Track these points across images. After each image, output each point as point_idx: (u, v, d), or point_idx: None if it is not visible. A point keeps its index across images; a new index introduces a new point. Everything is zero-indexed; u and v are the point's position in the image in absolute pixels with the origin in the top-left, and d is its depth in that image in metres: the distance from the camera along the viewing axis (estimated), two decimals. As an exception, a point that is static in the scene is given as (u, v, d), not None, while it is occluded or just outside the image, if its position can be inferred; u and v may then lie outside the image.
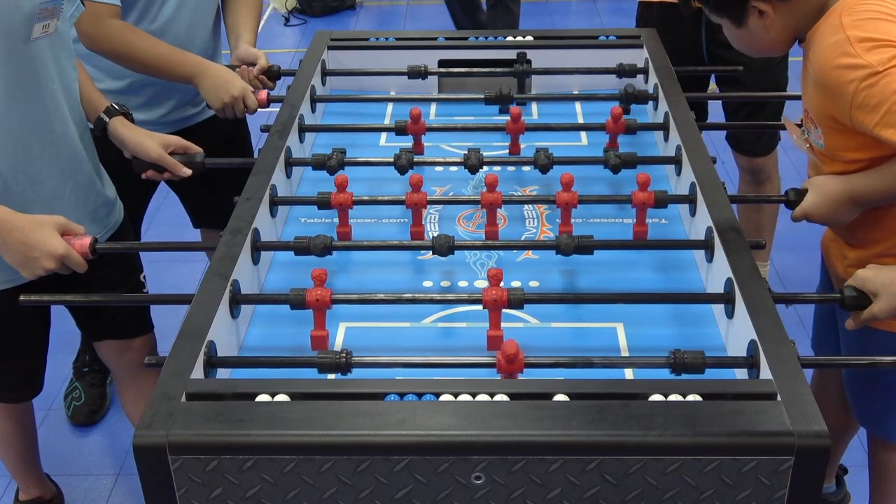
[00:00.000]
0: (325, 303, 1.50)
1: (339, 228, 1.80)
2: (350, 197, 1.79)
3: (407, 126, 2.08)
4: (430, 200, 1.81)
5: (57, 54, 1.77)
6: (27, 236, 1.61)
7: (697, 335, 1.56)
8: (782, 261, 3.32)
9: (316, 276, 1.51)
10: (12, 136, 1.72)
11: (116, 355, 2.11)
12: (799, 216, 1.72)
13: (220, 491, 1.21)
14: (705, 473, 1.19)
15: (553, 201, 1.79)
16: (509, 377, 1.38)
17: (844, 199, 1.65)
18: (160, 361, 1.36)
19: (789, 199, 1.73)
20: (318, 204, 1.80)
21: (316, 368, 1.40)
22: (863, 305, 1.49)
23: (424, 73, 2.36)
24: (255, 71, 2.32)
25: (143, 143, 1.93)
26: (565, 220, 1.79)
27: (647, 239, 1.78)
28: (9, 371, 2.03)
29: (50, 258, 1.61)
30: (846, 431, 2.18)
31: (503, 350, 1.36)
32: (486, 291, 1.49)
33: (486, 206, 1.78)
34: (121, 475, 2.57)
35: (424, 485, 1.20)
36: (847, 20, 1.55)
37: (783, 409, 1.21)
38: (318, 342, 1.51)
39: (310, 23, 6.13)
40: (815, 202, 1.68)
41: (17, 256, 1.63)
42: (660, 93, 2.20)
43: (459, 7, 5.13)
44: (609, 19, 5.99)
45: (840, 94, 1.54)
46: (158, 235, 3.53)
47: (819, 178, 1.70)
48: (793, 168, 3.69)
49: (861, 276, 1.49)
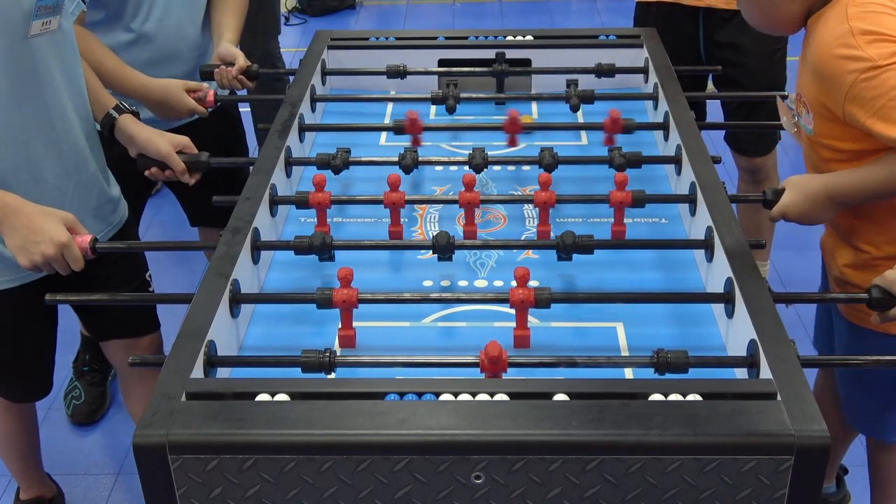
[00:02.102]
0: (353, 303, 1.50)
1: (317, 228, 1.81)
2: (328, 196, 1.79)
3: (405, 126, 2.08)
4: (408, 200, 1.81)
5: (59, 52, 1.77)
6: (32, 221, 1.61)
7: (697, 335, 1.56)
8: (782, 261, 3.32)
9: (342, 276, 1.51)
10: (13, 134, 1.72)
11: (123, 355, 2.11)
12: (776, 214, 1.70)
13: (220, 490, 1.21)
14: (705, 473, 1.19)
15: (530, 200, 1.80)
16: (493, 377, 1.38)
17: (822, 197, 1.65)
18: (146, 361, 1.36)
19: (766, 199, 1.72)
20: (296, 203, 1.82)
21: (300, 368, 1.40)
22: (889, 306, 1.47)
23: (404, 72, 2.36)
24: (234, 71, 2.31)
25: (153, 140, 1.94)
26: (543, 220, 1.79)
27: (625, 239, 1.79)
28: (17, 370, 2.03)
29: (51, 244, 1.61)
30: (849, 432, 2.18)
31: (486, 351, 1.37)
32: (513, 291, 1.50)
33: (463, 205, 1.79)
34: (121, 474, 2.57)
35: (424, 484, 1.20)
36: (852, 10, 1.55)
37: (783, 409, 1.21)
38: (346, 341, 1.52)
39: (310, 22, 6.13)
40: (792, 200, 1.67)
41: (18, 239, 1.62)
42: (660, 92, 2.20)
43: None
44: (609, 19, 5.99)
45: (836, 83, 1.54)
46: (158, 235, 3.54)
47: (797, 177, 1.70)
48: (792, 168, 3.69)
49: (890, 278, 1.48)
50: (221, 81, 2.33)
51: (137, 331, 2.10)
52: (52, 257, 1.62)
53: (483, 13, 6.25)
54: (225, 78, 2.31)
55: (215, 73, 2.31)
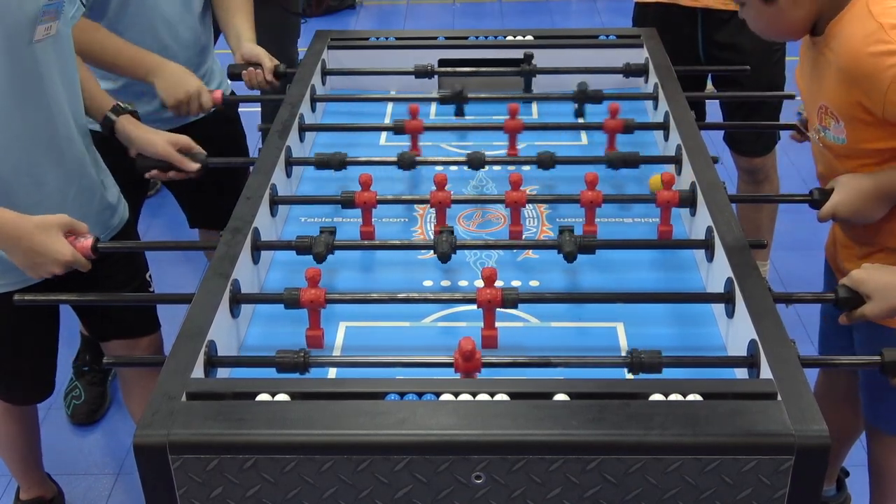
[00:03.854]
0: (320, 303, 1.50)
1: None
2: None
3: (405, 125, 2.08)
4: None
5: (59, 56, 1.77)
6: (33, 241, 1.62)
7: (697, 335, 1.56)
8: (782, 261, 3.32)
9: (310, 276, 1.51)
10: (16, 139, 1.72)
11: (124, 355, 2.12)
12: (827, 213, 1.69)
13: (220, 490, 1.21)
14: (705, 473, 1.19)
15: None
16: (467, 376, 1.38)
17: (873, 194, 1.65)
18: (146, 361, 1.35)
19: (814, 199, 1.72)
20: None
21: (275, 368, 1.41)
22: (855, 306, 1.49)
23: (432, 72, 2.37)
24: (267, 73, 2.32)
25: (152, 140, 1.95)
26: (589, 220, 1.80)
27: (671, 238, 1.79)
28: (18, 373, 2.03)
29: (56, 264, 1.63)
30: (851, 433, 2.18)
31: (460, 348, 1.36)
32: (481, 291, 1.49)
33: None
34: (121, 474, 2.57)
35: (424, 484, 1.20)
36: (876, 9, 1.55)
37: (783, 409, 1.21)
38: (314, 341, 1.51)
39: (310, 22, 6.12)
40: (843, 198, 1.67)
41: (24, 260, 1.65)
42: (660, 92, 2.20)
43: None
44: (609, 19, 6.00)
45: (875, 81, 1.54)
46: (158, 236, 3.53)
47: (846, 176, 1.69)
48: (792, 167, 3.69)
49: (856, 277, 1.49)
50: (251, 82, 2.34)
51: (138, 331, 2.10)
52: (59, 273, 1.65)
53: (483, 13, 6.25)
54: (255, 79, 2.32)
55: (244, 74, 2.33)
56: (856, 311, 1.49)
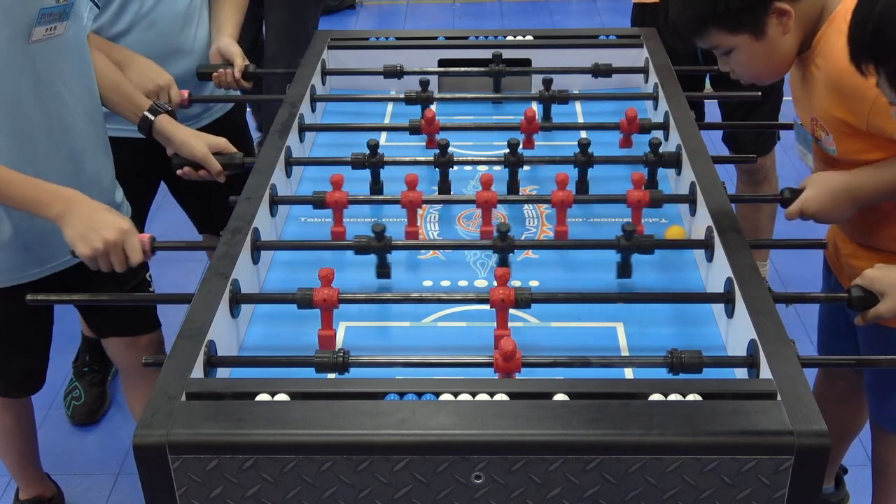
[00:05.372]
0: (333, 302, 1.50)
1: (333, 228, 1.81)
2: (345, 196, 1.80)
3: (421, 126, 2.09)
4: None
5: (65, 56, 1.78)
6: (95, 211, 1.66)
7: (697, 335, 1.56)
8: (782, 261, 3.32)
9: (323, 275, 1.51)
10: (14, 133, 1.73)
11: (124, 352, 2.13)
12: (794, 211, 1.69)
13: (219, 490, 1.21)
14: (705, 473, 1.19)
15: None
16: (507, 376, 1.38)
17: (844, 194, 1.64)
18: (159, 361, 1.36)
19: (784, 198, 1.72)
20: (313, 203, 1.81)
21: (314, 368, 1.40)
22: (869, 305, 1.48)
23: (401, 72, 2.36)
24: (236, 73, 2.30)
25: (189, 143, 1.97)
26: (561, 220, 1.79)
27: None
28: (8, 366, 2.04)
29: (113, 229, 1.64)
30: (850, 432, 2.18)
31: (501, 348, 1.36)
32: (494, 291, 1.49)
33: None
34: (121, 475, 2.57)
35: (424, 484, 1.20)
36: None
37: (783, 409, 1.21)
38: (326, 341, 1.51)
39: (310, 22, 6.13)
40: (813, 196, 1.66)
41: (80, 227, 1.65)
42: (660, 92, 2.20)
43: None
44: (609, 19, 6.00)
45: (860, 97, 1.53)
46: (158, 235, 3.52)
47: (819, 174, 1.69)
48: (792, 167, 3.69)
49: (869, 276, 1.48)
50: (221, 83, 2.31)
51: (138, 329, 2.11)
52: (112, 242, 1.64)
53: (483, 13, 6.25)
54: (224, 80, 2.30)
55: (213, 75, 2.29)
56: (870, 310, 1.48)
